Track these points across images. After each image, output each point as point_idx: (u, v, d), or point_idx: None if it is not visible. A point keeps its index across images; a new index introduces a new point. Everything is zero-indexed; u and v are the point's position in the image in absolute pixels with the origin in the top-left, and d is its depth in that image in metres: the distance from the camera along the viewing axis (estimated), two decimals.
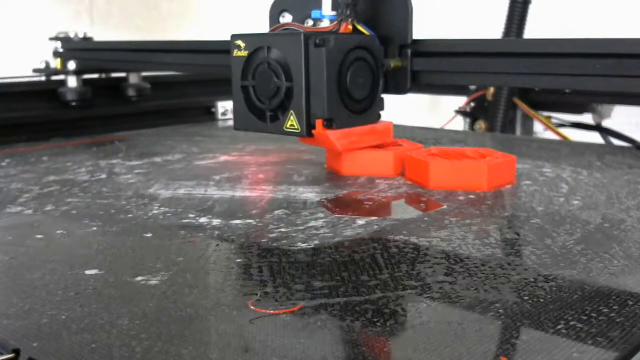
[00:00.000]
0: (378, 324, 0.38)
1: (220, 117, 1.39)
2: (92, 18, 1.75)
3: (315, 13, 0.76)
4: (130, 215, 0.62)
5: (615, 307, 0.40)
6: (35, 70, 1.26)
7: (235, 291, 0.43)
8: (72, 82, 1.22)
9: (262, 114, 0.75)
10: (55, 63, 1.26)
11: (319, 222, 0.59)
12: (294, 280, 0.45)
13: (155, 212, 0.63)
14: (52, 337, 0.37)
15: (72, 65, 1.22)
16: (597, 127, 1.44)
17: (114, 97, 1.30)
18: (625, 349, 0.35)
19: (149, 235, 0.56)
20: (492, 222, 0.59)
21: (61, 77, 1.24)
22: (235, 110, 0.78)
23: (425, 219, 0.60)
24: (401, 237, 0.55)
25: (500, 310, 0.40)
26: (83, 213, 0.63)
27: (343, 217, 0.60)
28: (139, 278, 0.45)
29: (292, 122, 0.72)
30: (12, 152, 0.96)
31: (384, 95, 0.79)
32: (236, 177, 0.78)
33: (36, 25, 1.60)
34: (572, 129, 1.44)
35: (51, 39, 1.28)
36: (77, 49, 1.28)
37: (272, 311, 0.40)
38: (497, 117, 1.44)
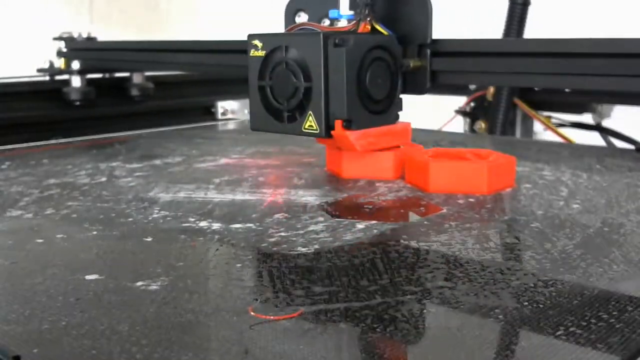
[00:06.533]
0: (378, 329, 0.38)
1: (220, 117, 1.39)
2: (92, 18, 1.75)
3: (332, 13, 0.75)
4: (130, 219, 0.62)
5: (615, 313, 0.40)
6: (39, 70, 1.27)
7: (235, 297, 0.44)
8: (76, 82, 1.23)
9: (279, 114, 0.75)
10: (59, 63, 1.27)
11: (319, 226, 0.59)
12: (294, 285, 0.45)
13: (155, 216, 0.63)
14: (53, 343, 0.37)
15: (76, 65, 1.23)
16: (597, 127, 1.44)
17: (117, 97, 1.31)
18: (624, 355, 0.35)
19: (149, 239, 0.56)
20: (491, 226, 0.60)
21: (65, 76, 1.26)
22: (252, 111, 0.78)
23: (425, 223, 0.60)
24: (401, 241, 0.55)
25: (500, 316, 0.40)
26: (83, 217, 0.63)
27: (343, 221, 0.60)
28: (139, 283, 0.46)
29: (310, 122, 0.72)
30: (12, 155, 0.96)
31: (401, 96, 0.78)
32: (236, 181, 0.78)
33: (36, 25, 1.60)
34: (572, 129, 1.44)
35: (55, 39, 1.29)
36: (81, 48, 1.28)
37: (272, 317, 0.40)
38: (497, 117, 1.44)
